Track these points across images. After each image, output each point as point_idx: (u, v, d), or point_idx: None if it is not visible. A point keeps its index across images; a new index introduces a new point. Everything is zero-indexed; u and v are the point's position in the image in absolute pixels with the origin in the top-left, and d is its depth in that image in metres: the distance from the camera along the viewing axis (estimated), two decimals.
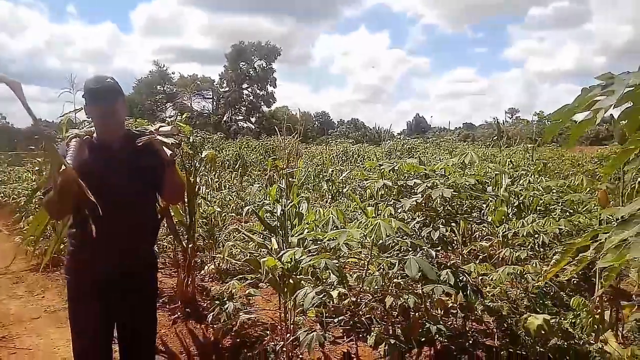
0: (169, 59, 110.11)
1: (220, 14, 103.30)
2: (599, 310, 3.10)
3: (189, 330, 3.85)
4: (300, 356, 3.16)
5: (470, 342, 3.18)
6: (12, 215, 8.69)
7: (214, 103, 56.10)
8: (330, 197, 8.41)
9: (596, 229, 1.17)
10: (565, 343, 2.79)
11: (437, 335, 2.94)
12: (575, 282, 4.07)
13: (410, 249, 2.73)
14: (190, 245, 4.22)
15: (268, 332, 3.50)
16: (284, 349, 3.11)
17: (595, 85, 1.08)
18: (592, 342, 2.87)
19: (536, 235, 3.84)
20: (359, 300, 2.93)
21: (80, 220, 2.06)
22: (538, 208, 4.51)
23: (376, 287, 2.97)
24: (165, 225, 3.68)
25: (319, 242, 2.98)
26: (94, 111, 2.16)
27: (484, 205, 4.72)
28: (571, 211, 4.59)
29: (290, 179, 3.30)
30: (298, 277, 2.99)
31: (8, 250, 6.68)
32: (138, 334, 2.38)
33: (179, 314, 4.09)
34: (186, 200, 3.98)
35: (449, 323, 3.34)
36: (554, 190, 4.78)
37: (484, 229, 5.02)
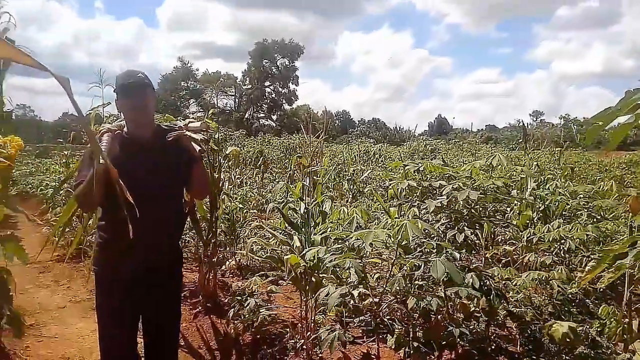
0: (194, 55, 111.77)
1: (244, 10, 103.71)
2: (627, 320, 3.02)
3: (209, 325, 3.89)
4: (320, 355, 3.17)
5: (493, 347, 3.14)
6: (40, 206, 8.90)
7: (236, 100, 56.58)
8: (351, 196, 8.39)
9: (634, 236, 1.13)
10: (592, 352, 2.73)
11: (459, 339, 2.91)
12: (601, 289, 3.98)
13: (434, 251, 2.71)
14: (212, 241, 4.26)
15: (288, 329, 3.52)
16: (304, 347, 3.12)
17: (638, 89, 1.05)
18: (619, 352, 2.81)
19: (562, 241, 3.77)
20: (380, 301, 2.92)
21: (111, 213, 2.09)
22: (564, 213, 4.43)
23: (398, 288, 2.96)
24: (189, 220, 3.73)
25: (341, 241, 2.97)
26: (126, 105, 2.19)
27: (508, 209, 4.65)
28: (598, 217, 4.50)
29: (314, 177, 3.30)
30: (320, 275, 2.99)
31: (35, 241, 6.84)
32: (162, 328, 2.41)
33: (200, 308, 4.14)
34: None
35: (471, 327, 3.30)
36: (581, 196, 4.69)
37: (507, 232, 4.95)
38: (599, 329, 3.11)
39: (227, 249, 5.54)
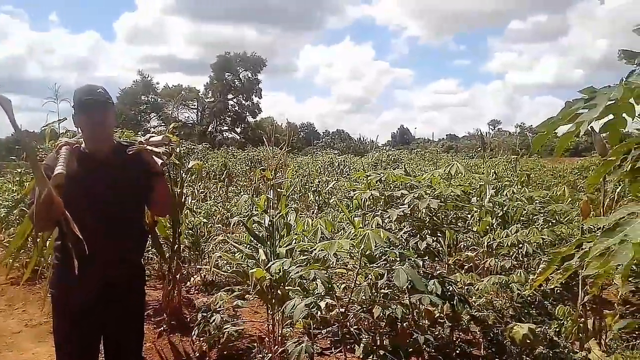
0: (153, 69, 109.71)
1: (204, 24, 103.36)
2: (583, 319, 3.15)
3: (174, 343, 3.80)
4: None
5: (457, 351, 3.21)
6: None
7: (199, 113, 55.91)
8: (316, 207, 8.42)
9: (580, 238, 1.20)
10: (551, 352, 2.82)
11: (424, 346, 2.96)
12: (558, 291, 4.14)
13: (397, 259, 2.75)
14: (175, 257, 4.18)
15: (256, 344, 3.48)
16: None
17: (578, 99, 1.12)
18: (576, 350, 2.92)
19: (520, 245, 3.90)
20: (346, 311, 2.94)
21: (63, 235, 2.03)
22: (521, 218, 4.59)
23: (364, 297, 2.98)
24: (150, 239, 3.66)
25: (307, 253, 2.98)
26: (85, 122, 2.14)
27: (469, 216, 4.78)
28: (553, 221, 4.69)
29: (278, 190, 3.31)
30: (286, 288, 2.98)
31: None
32: (123, 346, 2.34)
33: (164, 326, 4.04)
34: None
35: (436, 333, 3.36)
36: (537, 201, 4.87)
37: (468, 239, 5.08)
38: (557, 329, 3.23)
39: (192, 264, 5.44)
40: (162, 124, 47.69)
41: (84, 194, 2.00)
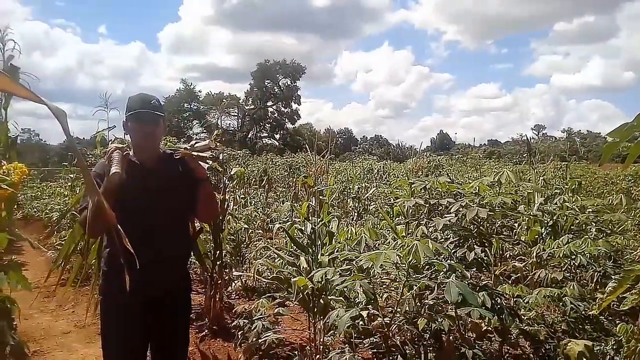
0: (194, 77, 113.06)
1: (244, 33, 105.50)
2: None
3: (216, 348, 3.83)
4: None
5: None
6: (44, 230, 8.90)
7: (239, 120, 56.94)
8: (356, 214, 8.35)
9: None
10: None
11: None
12: (615, 306, 3.90)
13: (443, 270, 2.66)
14: (218, 262, 4.22)
15: (297, 352, 3.45)
16: None
17: None
18: None
19: (572, 256, 3.70)
20: (390, 321, 2.86)
21: (112, 243, 2.06)
22: (572, 228, 4.37)
23: (408, 309, 2.90)
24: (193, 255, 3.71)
25: (349, 262, 2.93)
26: (135, 131, 2.17)
27: (516, 224, 4.59)
28: (608, 231, 4.43)
29: (320, 197, 3.27)
30: (328, 297, 2.94)
31: (40, 265, 6.81)
32: (170, 354, 2.36)
33: (206, 331, 4.08)
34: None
35: (484, 347, 3.22)
36: (589, 210, 4.63)
37: (515, 249, 4.88)
38: (614, 347, 3.03)
39: (233, 270, 5.49)
40: (205, 131, 48.91)
41: (133, 202, 2.03)
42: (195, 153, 2.23)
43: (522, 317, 3.31)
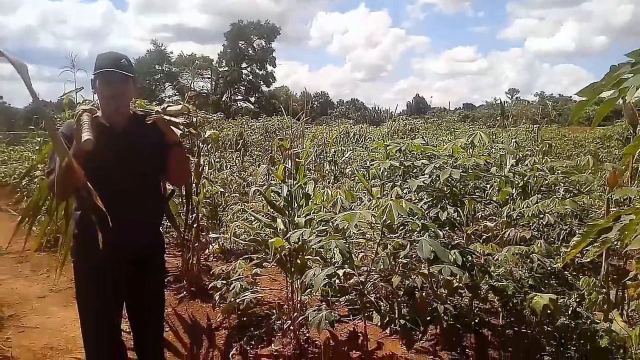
0: (165, 38, 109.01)
1: None
2: (605, 290, 3.12)
3: (195, 309, 3.88)
4: (307, 334, 3.19)
5: (476, 321, 3.21)
6: (14, 194, 8.68)
7: (213, 83, 55.65)
8: (332, 177, 8.40)
9: (618, 210, 1.15)
10: (573, 322, 2.80)
11: (443, 315, 2.96)
12: (578, 262, 4.09)
13: (417, 230, 2.73)
14: (195, 225, 4.22)
15: (274, 311, 3.53)
16: (291, 327, 3.14)
17: (623, 63, 1.05)
18: (598, 321, 2.90)
19: (541, 216, 3.84)
20: (365, 279, 2.95)
21: (83, 204, 2.03)
22: (542, 189, 4.51)
23: (383, 267, 2.98)
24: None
25: (325, 223, 2.97)
26: (105, 91, 2.11)
27: (488, 186, 4.71)
28: (575, 192, 4.59)
29: (296, 160, 3.28)
30: (305, 257, 2.99)
31: (11, 230, 6.67)
32: (146, 313, 2.39)
33: (184, 293, 4.12)
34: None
35: (455, 302, 3.36)
36: (559, 171, 4.77)
37: (486, 209, 5.02)
38: (578, 300, 3.20)
39: (210, 233, 5.51)
40: (177, 94, 47.73)
41: (102, 164, 1.99)
42: (168, 117, 2.19)
43: (492, 273, 3.44)
